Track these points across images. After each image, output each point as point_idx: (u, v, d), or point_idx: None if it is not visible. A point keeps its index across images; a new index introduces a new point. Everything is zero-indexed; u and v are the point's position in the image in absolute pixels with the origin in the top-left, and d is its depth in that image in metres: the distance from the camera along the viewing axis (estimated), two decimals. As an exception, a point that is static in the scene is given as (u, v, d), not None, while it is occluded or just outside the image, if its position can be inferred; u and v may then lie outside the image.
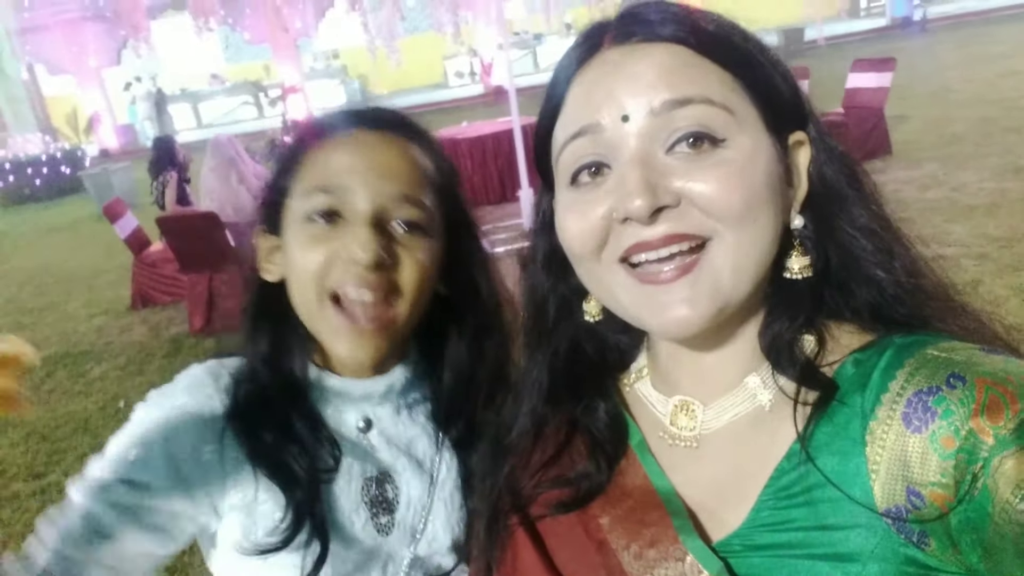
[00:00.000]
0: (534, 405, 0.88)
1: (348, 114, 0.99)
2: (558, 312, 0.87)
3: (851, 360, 0.71)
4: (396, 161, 0.95)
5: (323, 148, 0.96)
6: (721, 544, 0.71)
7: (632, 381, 0.88)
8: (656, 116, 0.68)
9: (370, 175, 0.93)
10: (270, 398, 0.96)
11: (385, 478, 1.01)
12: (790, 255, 0.74)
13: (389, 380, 1.02)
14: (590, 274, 0.76)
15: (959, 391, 0.60)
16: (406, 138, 0.98)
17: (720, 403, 0.77)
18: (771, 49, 0.75)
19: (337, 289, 0.92)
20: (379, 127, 0.97)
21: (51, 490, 4.15)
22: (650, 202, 0.66)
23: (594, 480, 0.81)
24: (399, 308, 0.94)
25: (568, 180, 0.74)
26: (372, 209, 0.92)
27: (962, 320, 0.73)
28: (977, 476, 0.57)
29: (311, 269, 0.92)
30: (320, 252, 0.92)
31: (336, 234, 0.92)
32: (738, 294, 0.70)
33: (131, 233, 7.16)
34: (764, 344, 0.75)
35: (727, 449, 0.75)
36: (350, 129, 0.96)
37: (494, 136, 8.99)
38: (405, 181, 0.94)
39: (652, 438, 0.82)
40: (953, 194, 6.59)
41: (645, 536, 0.74)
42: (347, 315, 0.92)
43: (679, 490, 0.77)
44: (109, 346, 6.38)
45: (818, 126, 0.76)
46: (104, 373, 5.79)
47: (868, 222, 0.74)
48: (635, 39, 0.71)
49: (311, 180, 0.94)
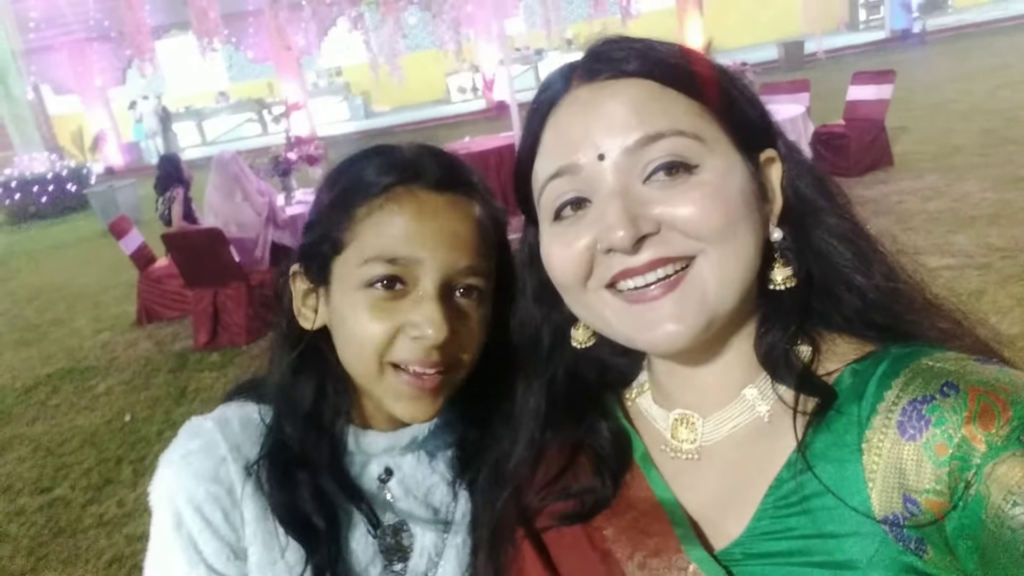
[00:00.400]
0: (532, 434, 0.90)
1: (408, 168, 0.92)
2: (553, 340, 0.89)
3: (848, 370, 0.72)
4: (462, 228, 0.91)
5: (384, 209, 0.89)
6: (723, 553, 0.72)
7: (635, 396, 0.90)
8: (631, 153, 0.71)
9: (438, 247, 0.88)
10: (300, 455, 0.93)
11: (401, 527, 1.00)
12: (772, 267, 0.76)
13: (414, 432, 1.00)
14: (578, 302, 0.78)
15: (952, 399, 0.62)
16: (467, 197, 0.94)
17: (719, 415, 0.79)
18: (735, 75, 0.78)
19: (400, 362, 0.90)
20: (441, 188, 0.91)
21: (57, 504, 4.16)
22: (632, 233, 0.69)
23: (599, 494, 0.82)
24: (459, 373, 0.94)
25: (551, 216, 0.77)
26: (440, 283, 0.89)
27: (938, 320, 0.75)
28: (970, 483, 0.58)
29: (375, 341, 0.89)
30: (383, 323, 0.88)
31: (399, 305, 0.89)
32: (724, 307, 0.72)
33: (136, 249, 7.20)
34: (760, 354, 0.77)
35: (728, 460, 0.77)
36: (411, 188, 0.90)
37: (496, 151, 9.02)
38: (471, 250, 0.91)
39: (655, 451, 0.83)
40: (955, 205, 6.61)
41: (649, 546, 0.76)
42: (408, 379, 0.90)
43: (681, 501, 0.78)
44: (115, 361, 6.40)
45: (786, 143, 0.80)
46: (110, 388, 5.81)
47: (844, 231, 0.76)
48: (602, 76, 0.74)
49: (373, 247, 0.88)
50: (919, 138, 9.48)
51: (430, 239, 0.88)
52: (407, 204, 0.89)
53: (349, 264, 0.91)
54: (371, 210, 0.90)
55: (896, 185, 7.58)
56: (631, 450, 0.84)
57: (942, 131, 9.64)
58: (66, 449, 4.86)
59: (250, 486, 0.90)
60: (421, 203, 0.90)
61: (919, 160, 8.36)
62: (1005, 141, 8.54)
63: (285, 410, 0.96)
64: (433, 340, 0.87)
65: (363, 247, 0.89)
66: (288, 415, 0.95)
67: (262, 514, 0.91)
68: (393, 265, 0.88)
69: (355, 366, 0.93)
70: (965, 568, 0.60)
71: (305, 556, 0.90)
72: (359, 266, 0.89)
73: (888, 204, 6.98)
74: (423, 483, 1.03)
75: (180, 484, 0.89)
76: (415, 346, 0.88)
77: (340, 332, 0.93)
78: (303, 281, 0.98)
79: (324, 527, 0.92)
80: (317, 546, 0.91)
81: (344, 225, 0.91)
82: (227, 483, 0.90)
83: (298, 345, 0.97)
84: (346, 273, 0.91)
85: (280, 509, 0.91)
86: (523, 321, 0.91)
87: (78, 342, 7.17)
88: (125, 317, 7.55)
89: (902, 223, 6.29)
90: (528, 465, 0.90)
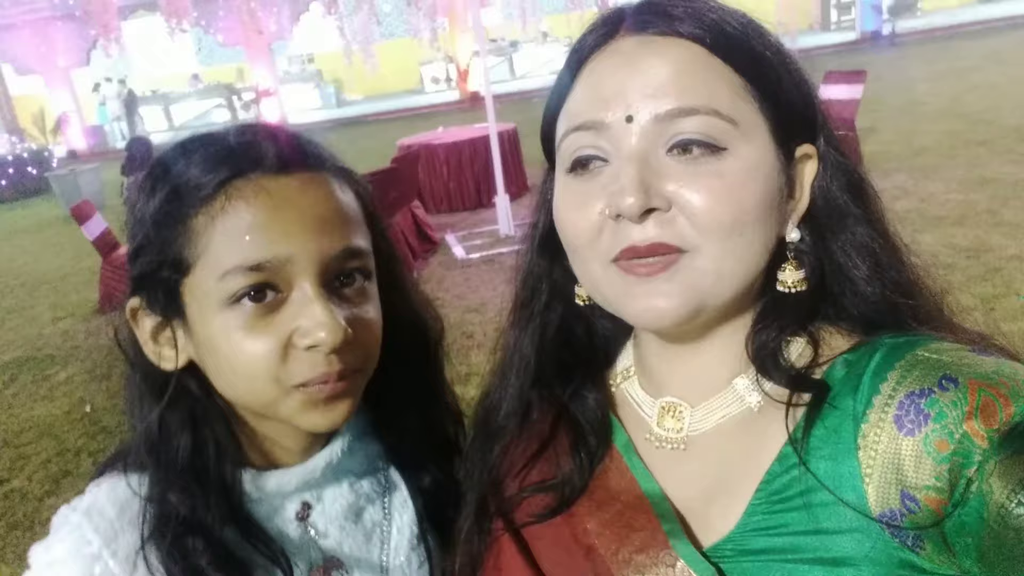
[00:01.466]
0: (521, 384, 0.87)
1: (240, 156, 0.78)
2: (550, 291, 0.87)
3: (840, 361, 0.70)
4: (327, 210, 0.79)
5: (227, 211, 0.75)
6: (712, 549, 0.70)
7: (619, 382, 0.87)
8: (660, 121, 0.68)
9: (305, 235, 0.76)
10: (189, 520, 0.79)
11: (333, 564, 0.89)
12: (783, 268, 0.73)
13: (328, 456, 0.88)
14: (583, 263, 0.75)
15: (951, 393, 0.60)
16: (320, 171, 0.81)
17: (708, 405, 0.76)
18: (792, 56, 0.74)
19: (302, 382, 0.77)
20: (290, 170, 0.78)
21: (14, 496, 4.05)
22: (642, 201, 0.66)
23: (576, 482, 0.80)
24: (369, 371, 0.84)
25: (567, 167, 0.74)
26: (318, 276, 0.77)
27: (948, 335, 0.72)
28: (972, 480, 0.57)
29: (263, 364, 0.76)
30: (265, 342, 0.76)
31: (279, 316, 0.76)
32: (717, 299, 0.70)
33: (99, 235, 7.03)
34: (752, 349, 0.74)
35: (715, 451, 0.75)
36: (251, 177, 0.77)
37: (470, 142, 8.99)
38: (342, 228, 0.79)
39: (638, 440, 0.81)
40: (921, 205, 6.71)
41: (634, 541, 0.74)
42: (315, 389, 0.78)
43: (667, 493, 0.76)
44: (75, 350, 6.26)
45: (830, 140, 0.75)
46: (70, 377, 5.68)
47: (868, 241, 0.73)
48: (651, 30, 0.70)
49: (228, 258, 0.75)
50: (887, 138, 9.61)
51: (292, 230, 0.75)
52: (253, 197, 0.75)
53: (203, 284, 0.76)
54: (212, 215, 0.75)
55: (865, 184, 7.67)
56: (611, 434, 0.82)
57: (910, 132, 9.78)
58: (23, 440, 4.74)
59: (141, 572, 0.76)
60: (270, 193, 0.76)
61: (887, 160, 8.47)
62: (972, 143, 8.69)
63: (161, 473, 0.80)
64: (330, 345, 0.75)
65: (215, 261, 0.75)
66: (165, 478, 0.80)
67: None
68: (258, 272, 0.74)
69: (245, 396, 0.80)
70: (963, 565, 0.59)
71: None
72: (216, 283, 0.75)
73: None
74: (347, 508, 0.91)
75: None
76: (313, 358, 0.76)
77: (214, 364, 0.79)
78: (149, 316, 0.82)
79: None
80: None
81: (182, 241, 0.76)
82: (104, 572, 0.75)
83: (165, 390, 0.82)
84: (202, 295, 0.77)
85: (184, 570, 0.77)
86: (526, 266, 0.88)
87: (37, 330, 7.00)
88: (87, 304, 7.38)
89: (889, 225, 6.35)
90: (516, 419, 0.87)
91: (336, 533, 0.90)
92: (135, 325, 0.83)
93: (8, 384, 5.77)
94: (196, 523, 0.79)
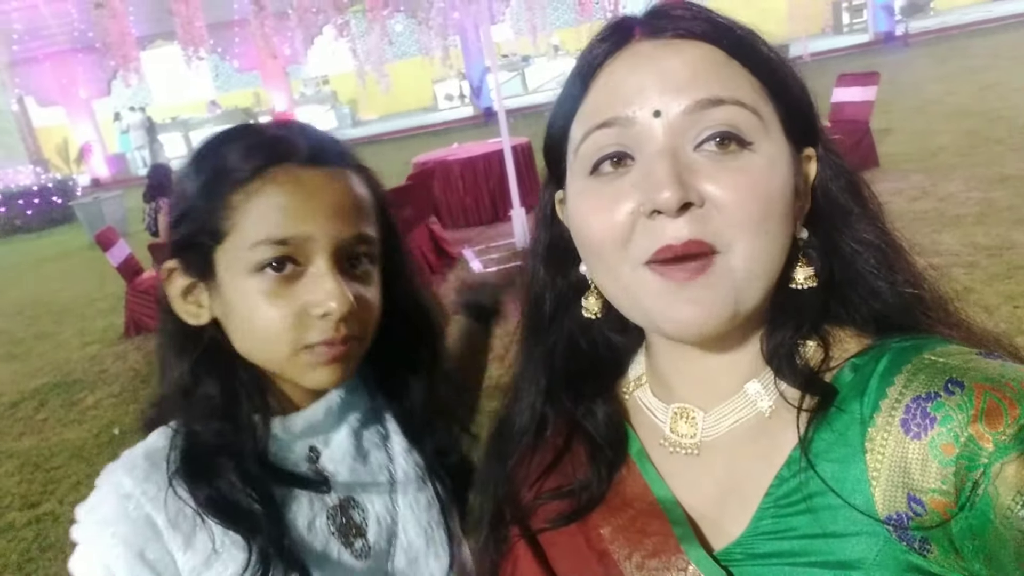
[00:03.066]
0: (533, 401, 0.88)
1: (277, 147, 0.90)
2: (555, 307, 0.87)
3: (849, 365, 0.71)
4: (345, 198, 0.91)
5: (262, 192, 0.87)
6: (722, 553, 0.71)
7: (631, 390, 0.87)
8: (688, 115, 0.68)
9: (325, 220, 0.88)
10: (217, 447, 0.91)
11: (348, 503, 0.98)
12: (795, 266, 0.74)
13: (328, 404, 0.99)
14: (610, 270, 0.73)
15: (957, 396, 0.60)
16: (342, 166, 0.94)
17: (720, 410, 0.76)
18: (791, 63, 0.76)
19: (312, 344, 0.89)
20: (316, 162, 0.91)
21: (46, 519, 4.11)
22: (680, 195, 0.65)
23: (593, 490, 0.80)
24: (365, 341, 0.95)
25: (588, 169, 0.73)
26: (333, 256, 0.89)
27: (959, 332, 0.73)
28: (978, 483, 0.57)
29: (276, 328, 0.88)
30: (283, 309, 0.88)
31: (295, 288, 0.88)
32: (750, 300, 0.69)
33: (123, 261, 7.15)
34: (767, 351, 0.75)
35: (728, 456, 0.75)
36: (285, 166, 0.89)
37: (485, 157, 9.03)
38: (357, 217, 0.92)
39: (652, 446, 0.81)
40: (941, 205, 6.65)
41: (647, 546, 0.74)
42: (320, 351, 0.90)
43: (680, 499, 0.76)
44: (103, 374, 6.35)
45: (826, 144, 0.77)
46: (98, 401, 5.75)
47: (872, 237, 0.74)
48: (668, 34, 0.71)
49: (258, 231, 0.87)
50: (903, 139, 9.54)
51: (315, 214, 0.88)
52: (285, 183, 0.88)
53: (234, 252, 0.89)
54: (248, 194, 0.88)
55: (881, 186, 7.54)
56: (627, 443, 0.83)
57: (926, 132, 9.70)
58: (54, 463, 4.80)
59: (171, 505, 0.87)
60: (299, 180, 0.88)
61: (904, 161, 8.41)
62: (989, 141, 8.60)
63: (191, 412, 0.92)
64: (339, 313, 0.87)
65: (247, 232, 0.87)
66: (197, 419, 0.92)
67: (191, 526, 0.88)
68: (282, 246, 0.87)
69: (259, 354, 0.92)
70: (971, 568, 0.59)
71: (247, 545, 0.87)
72: (246, 251, 0.87)
73: (875, 205, 7.00)
74: (353, 452, 1.02)
75: (101, 560, 0.86)
76: (322, 324, 0.88)
77: (235, 323, 0.91)
78: (182, 277, 0.94)
79: (260, 508, 0.89)
80: (256, 529, 0.88)
81: (220, 214, 0.88)
82: (143, 525, 0.86)
83: (198, 343, 0.94)
84: (233, 261, 0.89)
85: (207, 503, 0.87)
86: (530, 283, 0.88)
87: (65, 355, 7.10)
88: (113, 329, 7.49)
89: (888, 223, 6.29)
90: (530, 435, 0.88)
91: (346, 473, 1.00)
92: (168, 284, 0.95)
93: (38, 409, 5.86)
94: (224, 448, 0.90)
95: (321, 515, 0.96)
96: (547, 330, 0.87)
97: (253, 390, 0.94)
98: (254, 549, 0.87)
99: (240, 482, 0.89)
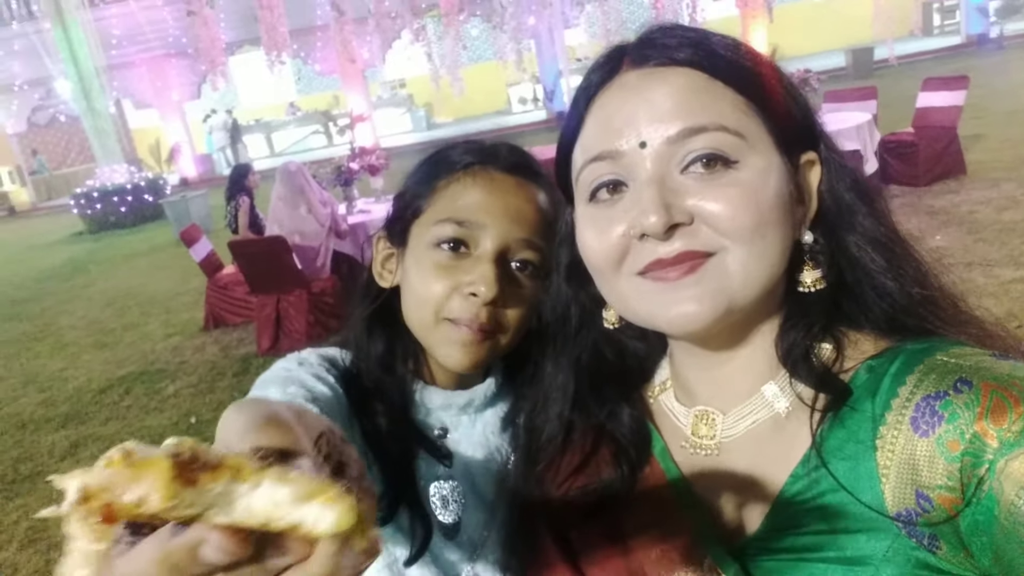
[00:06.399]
0: (561, 410, 0.92)
1: (486, 152, 1.06)
2: (580, 319, 0.91)
3: (864, 367, 0.72)
4: (525, 205, 1.02)
5: (461, 182, 1.03)
6: (738, 548, 0.74)
7: (656, 393, 0.91)
8: (671, 144, 0.72)
9: (502, 216, 1.00)
10: (374, 390, 1.04)
11: (454, 487, 1.07)
12: (802, 269, 0.76)
13: (471, 395, 1.09)
14: (609, 286, 0.79)
15: (965, 395, 0.61)
16: (533, 183, 1.05)
17: (738, 411, 0.79)
18: (784, 74, 0.78)
19: (453, 318, 0.99)
20: (512, 171, 1.04)
21: (127, 502, 4.33)
22: (664, 219, 0.69)
23: (618, 488, 0.84)
24: (504, 339, 1.02)
25: (587, 197, 0.78)
26: (499, 248, 0.99)
27: (969, 329, 0.74)
28: (983, 479, 0.58)
29: (433, 297, 0.99)
30: (443, 282, 0.99)
31: (460, 266, 0.99)
32: (744, 299, 0.72)
33: (205, 257, 7.46)
34: (781, 352, 0.77)
35: (747, 456, 0.78)
36: (487, 167, 1.03)
37: (555, 161, 9.03)
38: (530, 225, 1.01)
39: (674, 446, 0.84)
40: (1032, 215, 6.32)
41: (667, 541, 0.78)
42: (457, 328, 0.99)
43: (700, 496, 0.80)
44: (183, 365, 6.65)
45: (829, 145, 0.79)
46: (178, 391, 6.03)
47: (878, 236, 0.76)
48: (652, 63, 0.75)
49: (445, 210, 1.01)
50: (994, 146, 9.10)
51: (495, 208, 1.00)
52: (480, 178, 1.02)
53: (424, 225, 1.03)
54: (450, 182, 1.03)
55: (968, 195, 7.29)
56: (651, 442, 0.86)
57: (1018, 139, 9.24)
58: (136, 448, 5.05)
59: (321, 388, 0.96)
60: (492, 179, 1.02)
61: (994, 169, 8.03)
62: (1089, 149, 8.12)
63: (360, 355, 1.06)
64: (484, 297, 0.96)
65: (438, 210, 1.02)
66: (363, 360, 1.06)
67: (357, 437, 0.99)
68: (460, 227, 0.99)
69: (413, 319, 1.03)
70: (980, 565, 0.60)
71: (382, 481, 0.97)
72: (432, 226, 1.01)
73: (959, 214, 6.72)
74: (476, 448, 1.09)
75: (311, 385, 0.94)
76: (467, 303, 0.98)
77: (406, 289, 1.04)
78: (385, 245, 1.10)
79: (398, 454, 1.00)
80: (397, 472, 0.99)
81: (426, 195, 1.04)
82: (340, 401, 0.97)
83: (376, 300, 1.09)
84: (421, 234, 1.03)
85: (368, 435, 0.99)
86: (554, 298, 0.93)
87: (150, 346, 7.47)
88: (194, 322, 7.82)
89: (974, 234, 6.05)
90: (558, 442, 0.91)
91: (461, 462, 1.08)
92: (375, 250, 1.12)
93: (123, 396, 6.19)
94: (378, 392, 1.04)
95: (428, 482, 1.05)
96: (574, 341, 0.92)
97: (409, 354, 1.07)
98: (390, 487, 0.97)
99: (389, 424, 1.01)
